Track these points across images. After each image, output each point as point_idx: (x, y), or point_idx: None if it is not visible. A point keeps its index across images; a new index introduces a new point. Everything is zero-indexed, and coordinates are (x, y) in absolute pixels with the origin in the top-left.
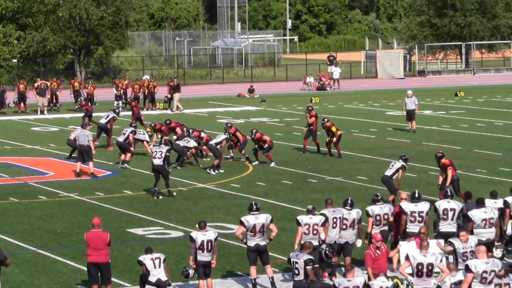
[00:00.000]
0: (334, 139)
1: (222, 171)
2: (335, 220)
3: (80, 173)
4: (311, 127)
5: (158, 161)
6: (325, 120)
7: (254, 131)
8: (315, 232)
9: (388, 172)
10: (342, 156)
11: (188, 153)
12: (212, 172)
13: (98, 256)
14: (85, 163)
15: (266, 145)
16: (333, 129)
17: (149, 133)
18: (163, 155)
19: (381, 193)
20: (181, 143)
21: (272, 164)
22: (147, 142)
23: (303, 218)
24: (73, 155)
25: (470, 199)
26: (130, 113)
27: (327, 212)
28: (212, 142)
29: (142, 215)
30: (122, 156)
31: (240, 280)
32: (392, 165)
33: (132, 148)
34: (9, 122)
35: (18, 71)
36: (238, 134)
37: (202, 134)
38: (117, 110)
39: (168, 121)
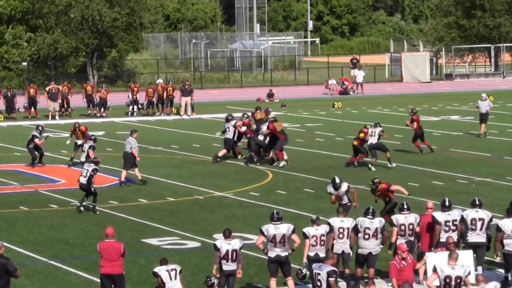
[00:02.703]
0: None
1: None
2: (341, 230)
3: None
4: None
5: (82, 180)
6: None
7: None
8: (322, 243)
9: (373, 140)
10: (365, 163)
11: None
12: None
13: (112, 268)
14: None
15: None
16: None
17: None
18: (88, 174)
19: (407, 202)
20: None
21: (282, 164)
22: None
23: (310, 230)
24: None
25: None
26: (144, 118)
27: (332, 221)
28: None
29: (158, 224)
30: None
31: None
32: (372, 132)
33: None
34: (19, 127)
35: (28, 75)
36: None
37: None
38: (93, 137)
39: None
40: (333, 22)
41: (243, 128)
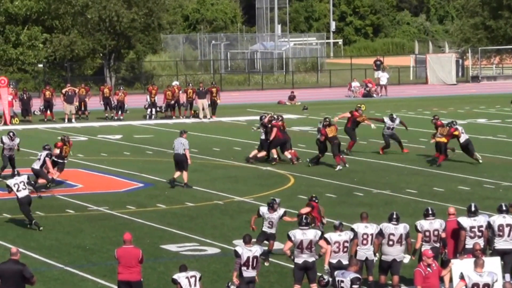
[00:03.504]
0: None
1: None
2: (365, 236)
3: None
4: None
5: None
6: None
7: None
8: (345, 249)
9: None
10: (389, 168)
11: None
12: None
13: (130, 274)
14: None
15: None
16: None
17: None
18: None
19: (432, 207)
20: None
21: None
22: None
23: (332, 236)
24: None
25: None
26: (163, 121)
27: (356, 227)
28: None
29: (176, 230)
30: (40, 180)
31: None
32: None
33: (52, 174)
34: (34, 130)
35: (44, 77)
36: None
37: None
38: (47, 147)
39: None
40: (356, 23)
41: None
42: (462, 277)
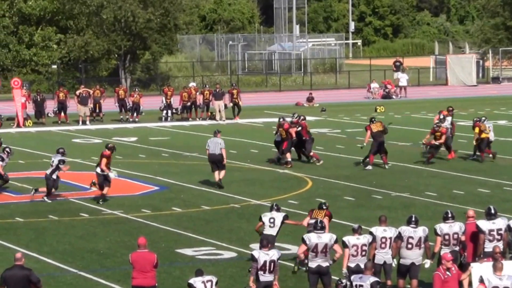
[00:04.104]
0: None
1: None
2: (384, 240)
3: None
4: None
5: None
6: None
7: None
8: (363, 253)
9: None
10: (408, 170)
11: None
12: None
13: (144, 279)
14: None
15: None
16: (476, 130)
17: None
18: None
19: (451, 210)
20: None
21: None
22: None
23: (350, 239)
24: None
25: None
26: (179, 123)
27: (375, 230)
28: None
29: (192, 234)
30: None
31: None
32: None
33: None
34: (48, 133)
35: (58, 78)
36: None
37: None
38: (61, 150)
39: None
40: (375, 23)
41: (297, 128)
42: (481, 281)
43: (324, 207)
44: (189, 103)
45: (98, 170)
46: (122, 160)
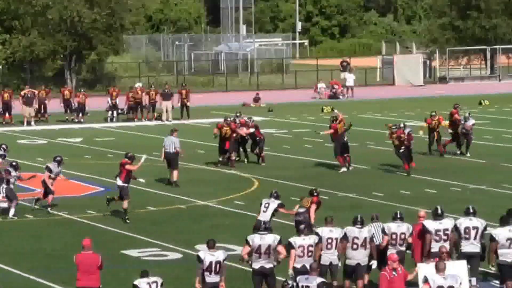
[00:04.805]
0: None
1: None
2: (330, 240)
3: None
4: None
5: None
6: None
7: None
8: (310, 254)
9: None
10: (356, 170)
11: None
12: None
13: (89, 281)
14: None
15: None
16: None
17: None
18: None
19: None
20: None
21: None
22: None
23: (296, 240)
24: None
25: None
26: (125, 124)
27: (321, 231)
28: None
29: (138, 235)
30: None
31: None
32: None
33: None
34: None
35: (2, 79)
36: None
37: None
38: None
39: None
40: (322, 23)
41: (250, 130)
42: (426, 281)
43: (315, 194)
44: (135, 104)
45: (119, 182)
46: (67, 161)
